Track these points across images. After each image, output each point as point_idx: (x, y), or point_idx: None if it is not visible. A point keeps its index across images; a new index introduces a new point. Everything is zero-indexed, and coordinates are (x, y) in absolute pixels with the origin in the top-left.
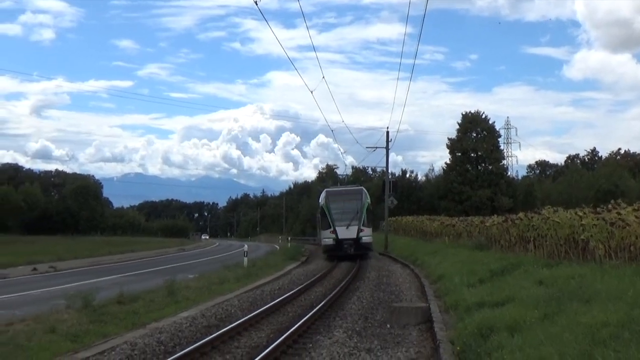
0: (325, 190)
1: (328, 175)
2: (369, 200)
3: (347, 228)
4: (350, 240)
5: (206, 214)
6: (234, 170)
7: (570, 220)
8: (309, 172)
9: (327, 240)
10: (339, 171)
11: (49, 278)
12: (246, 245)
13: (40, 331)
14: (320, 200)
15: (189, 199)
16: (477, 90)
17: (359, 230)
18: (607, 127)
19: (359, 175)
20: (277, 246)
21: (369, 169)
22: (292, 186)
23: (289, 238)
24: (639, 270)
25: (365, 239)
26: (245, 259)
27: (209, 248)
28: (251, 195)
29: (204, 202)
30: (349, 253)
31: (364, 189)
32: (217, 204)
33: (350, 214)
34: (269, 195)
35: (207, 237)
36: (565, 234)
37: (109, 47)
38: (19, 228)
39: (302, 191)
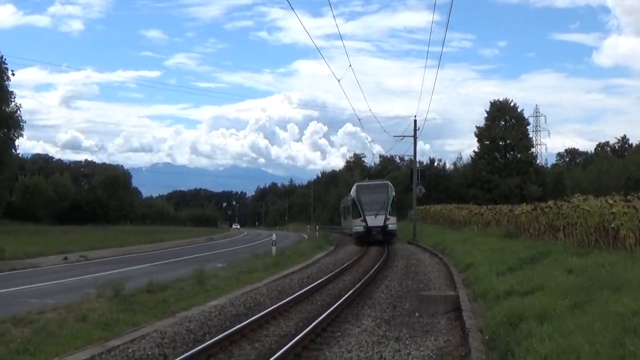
0: (355, 184)
1: (355, 164)
2: (394, 193)
3: (375, 217)
4: (378, 227)
5: (234, 203)
6: (262, 160)
7: (600, 209)
8: (336, 161)
9: (357, 227)
10: (367, 160)
11: (80, 267)
12: (274, 235)
13: (71, 319)
14: (351, 193)
15: (217, 189)
16: (506, 77)
17: (386, 219)
18: (638, 114)
19: (387, 164)
20: (305, 235)
21: (397, 157)
22: (319, 175)
23: (317, 227)
24: None
25: (391, 227)
26: (274, 247)
27: (237, 237)
28: (279, 185)
29: (232, 192)
30: (377, 239)
31: (390, 183)
32: (245, 193)
33: (378, 205)
34: (297, 184)
35: (238, 227)
36: (595, 223)
37: (136, 37)
38: (49, 218)
39: (329, 180)
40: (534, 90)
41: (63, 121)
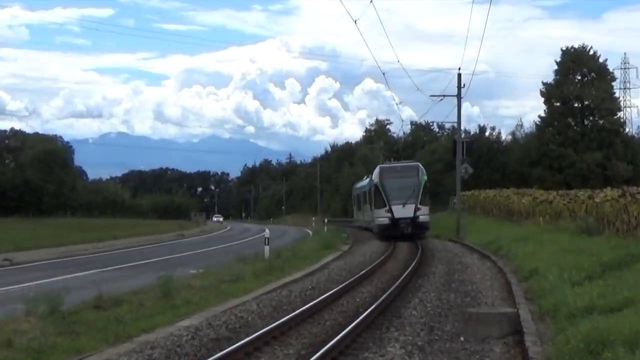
0: (378, 166)
1: (378, 135)
2: (425, 177)
3: (403, 207)
4: (406, 219)
5: (213, 187)
6: (250, 128)
7: None
8: (351, 130)
9: (381, 219)
10: (393, 128)
11: (3, 274)
12: (267, 230)
13: None
14: (373, 177)
15: (189, 168)
16: (583, 17)
17: (416, 209)
18: None
19: (420, 133)
20: (309, 230)
21: (434, 125)
22: (329, 149)
23: (325, 220)
24: None
25: (422, 218)
26: (267, 248)
27: (217, 233)
28: (274, 163)
29: (209, 172)
30: (405, 233)
31: (421, 165)
32: (228, 174)
33: (406, 192)
34: (298, 161)
35: (221, 220)
36: None
37: None
38: None
39: (342, 156)
40: (621, 34)
41: None
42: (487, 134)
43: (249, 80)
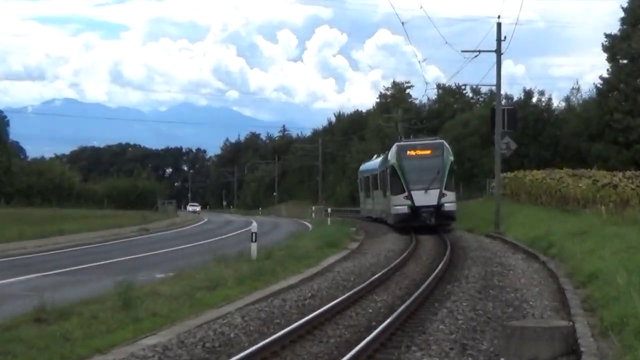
0: (395, 144)
1: (395, 101)
2: (452, 158)
3: (425, 192)
4: (429, 207)
5: (187, 168)
6: (233, 93)
7: None
8: (362, 96)
9: (399, 207)
10: (415, 93)
11: None
12: (255, 223)
13: None
14: (389, 157)
15: (156, 144)
16: None
17: (441, 195)
18: None
19: (449, 99)
20: (308, 223)
21: (467, 89)
22: (333, 120)
23: (329, 210)
24: None
25: (448, 206)
26: (254, 246)
27: (191, 227)
28: (263, 137)
29: (181, 149)
30: (428, 223)
31: (446, 142)
32: (205, 151)
33: (429, 175)
34: (294, 135)
35: (198, 210)
36: None
37: None
38: None
39: (351, 128)
40: None
41: None
42: (534, 100)
43: (231, 32)
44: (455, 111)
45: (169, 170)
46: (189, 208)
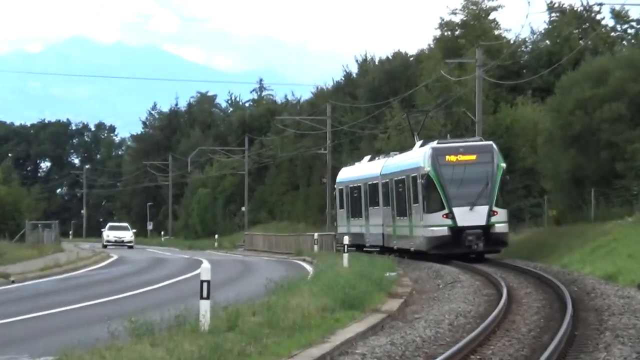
0: (430, 146)
1: (472, 34)
2: (503, 164)
3: (470, 210)
4: (476, 229)
5: (78, 161)
6: (164, 21)
7: None
8: (405, 27)
9: (435, 229)
10: (507, 21)
11: None
12: (207, 263)
13: None
14: (421, 162)
15: (22, 114)
16: None
17: (490, 214)
18: None
19: (570, 31)
20: (306, 263)
21: (603, 10)
22: (351, 71)
23: (345, 240)
24: None
25: (499, 227)
26: (205, 305)
27: (88, 271)
28: (222, 102)
29: (69, 124)
30: (474, 250)
31: (494, 145)
32: (114, 128)
33: (475, 187)
34: (280, 98)
35: (128, 238)
36: None
37: None
38: None
39: (386, 84)
40: None
41: None
42: None
43: None
44: (582, 53)
45: (45, 165)
46: (109, 236)
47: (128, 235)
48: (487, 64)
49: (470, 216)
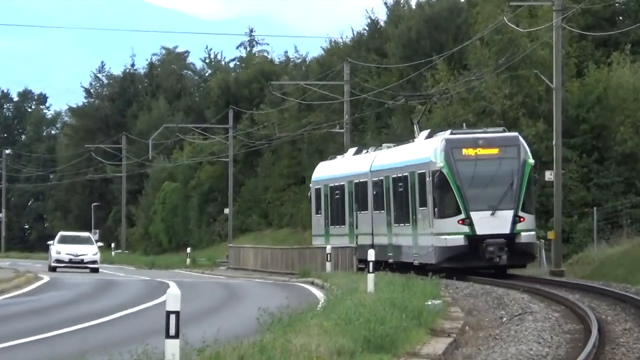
0: (442, 136)
1: None
2: (531, 160)
3: (492, 215)
4: (499, 238)
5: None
6: None
7: None
8: None
9: (449, 238)
10: None
11: None
12: (175, 287)
13: None
14: (432, 156)
15: None
16: None
17: (516, 220)
18: None
19: None
20: (314, 288)
21: None
22: (377, 17)
23: (371, 253)
24: None
25: (525, 237)
26: (172, 346)
27: (5, 298)
28: (197, 62)
29: None
30: (496, 263)
31: (521, 137)
32: (46, 98)
33: (497, 188)
34: (277, 57)
35: (91, 256)
36: None
37: None
38: None
39: (431, 32)
40: None
41: None
42: None
43: None
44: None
45: None
46: (60, 252)
47: (91, 251)
48: (568, 8)
49: (491, 223)
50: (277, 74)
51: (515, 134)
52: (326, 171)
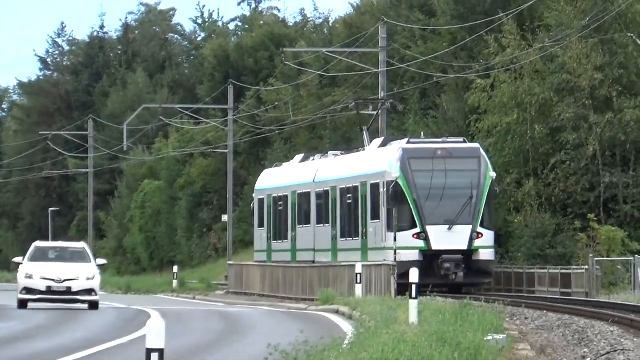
0: (399, 145)
1: None
2: (492, 173)
3: (449, 229)
4: (455, 254)
5: None
6: None
7: None
8: None
9: (405, 253)
10: None
11: None
12: (157, 317)
13: None
14: (386, 166)
15: None
16: None
17: (474, 236)
18: None
19: None
20: (342, 319)
21: None
22: None
23: (413, 274)
24: None
25: (484, 253)
26: None
27: None
28: (186, 26)
29: None
30: (452, 281)
31: (481, 148)
32: None
33: (455, 201)
34: (292, 17)
35: (78, 281)
36: None
37: None
38: None
39: None
40: None
41: None
42: None
43: None
44: None
45: None
46: (33, 276)
47: (84, 273)
48: None
49: (448, 238)
50: (291, 39)
51: (477, 145)
52: (270, 180)
